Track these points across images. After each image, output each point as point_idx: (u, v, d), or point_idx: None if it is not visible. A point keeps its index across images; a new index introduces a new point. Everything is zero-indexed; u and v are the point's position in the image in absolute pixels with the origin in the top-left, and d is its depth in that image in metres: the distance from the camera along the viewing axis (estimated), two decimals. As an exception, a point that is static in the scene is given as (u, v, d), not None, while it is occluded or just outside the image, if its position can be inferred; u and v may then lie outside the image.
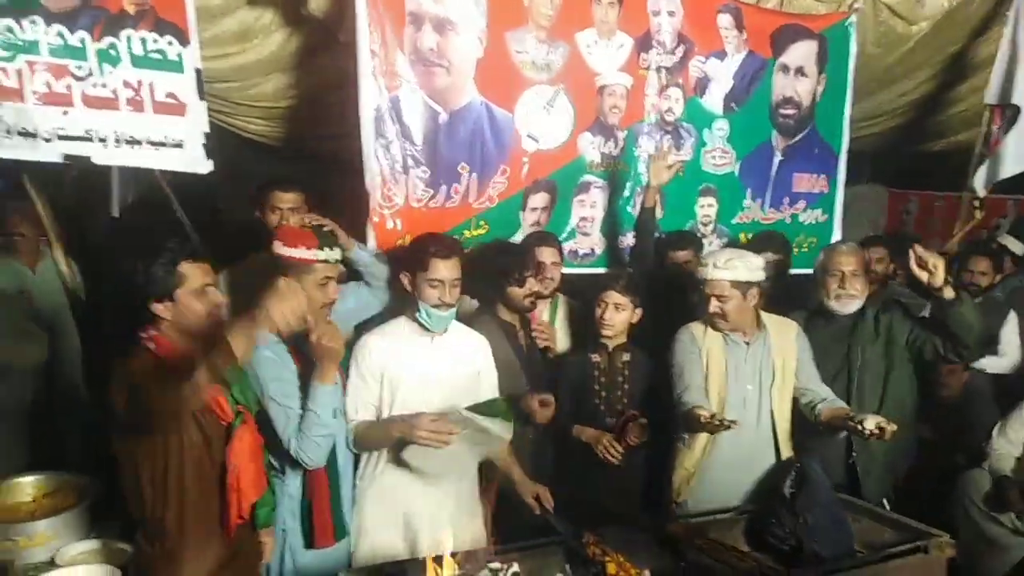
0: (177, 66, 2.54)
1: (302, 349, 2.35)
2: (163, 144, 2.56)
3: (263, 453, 2.18)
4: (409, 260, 2.45)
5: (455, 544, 2.18)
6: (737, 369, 2.75)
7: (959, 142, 4.47)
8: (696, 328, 2.82)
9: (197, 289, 1.98)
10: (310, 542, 2.35)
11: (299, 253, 2.28)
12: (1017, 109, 3.39)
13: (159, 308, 1.96)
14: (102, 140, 2.47)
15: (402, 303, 2.62)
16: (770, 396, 2.74)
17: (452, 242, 2.51)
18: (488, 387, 2.62)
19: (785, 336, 2.80)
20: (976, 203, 3.82)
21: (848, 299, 2.90)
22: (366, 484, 2.51)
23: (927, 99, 4.20)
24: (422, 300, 2.40)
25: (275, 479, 2.32)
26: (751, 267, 2.71)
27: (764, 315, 2.82)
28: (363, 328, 2.64)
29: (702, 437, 2.74)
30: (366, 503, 2.50)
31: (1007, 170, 3.53)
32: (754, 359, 2.76)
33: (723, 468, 2.75)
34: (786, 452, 2.75)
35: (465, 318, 2.65)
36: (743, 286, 2.70)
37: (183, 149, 2.60)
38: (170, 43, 2.51)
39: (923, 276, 2.67)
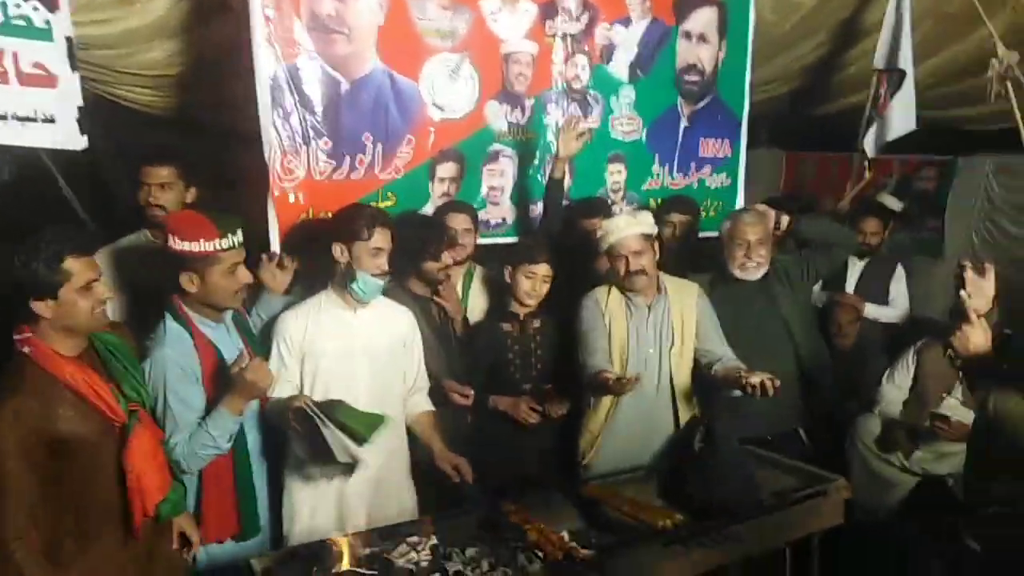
0: (45, 34, 2.32)
1: (212, 344, 2.27)
2: (31, 119, 2.34)
3: (163, 448, 2.09)
4: (345, 230, 2.40)
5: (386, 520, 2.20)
6: (638, 332, 2.82)
7: (851, 104, 4.65)
8: (600, 293, 2.89)
9: (82, 286, 1.86)
10: (205, 535, 2.26)
11: (199, 246, 2.14)
12: (903, 73, 3.55)
13: (40, 307, 1.83)
14: None
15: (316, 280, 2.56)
16: (669, 358, 2.81)
17: (385, 213, 2.52)
18: (413, 358, 2.63)
19: (686, 298, 2.86)
20: (866, 163, 4.01)
21: (754, 268, 3.00)
22: (292, 468, 2.46)
23: (820, 63, 4.34)
24: (361, 269, 2.38)
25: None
26: (648, 222, 2.81)
27: (665, 277, 2.89)
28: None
29: (605, 400, 2.82)
30: (294, 488, 2.46)
31: (894, 131, 3.71)
32: (654, 322, 2.83)
33: (625, 430, 2.84)
34: (684, 414, 2.83)
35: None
36: (651, 239, 2.77)
37: (55, 124, 2.39)
38: (35, 8, 2.28)
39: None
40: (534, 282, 2.81)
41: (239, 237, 2.22)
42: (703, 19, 3.44)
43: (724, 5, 3.47)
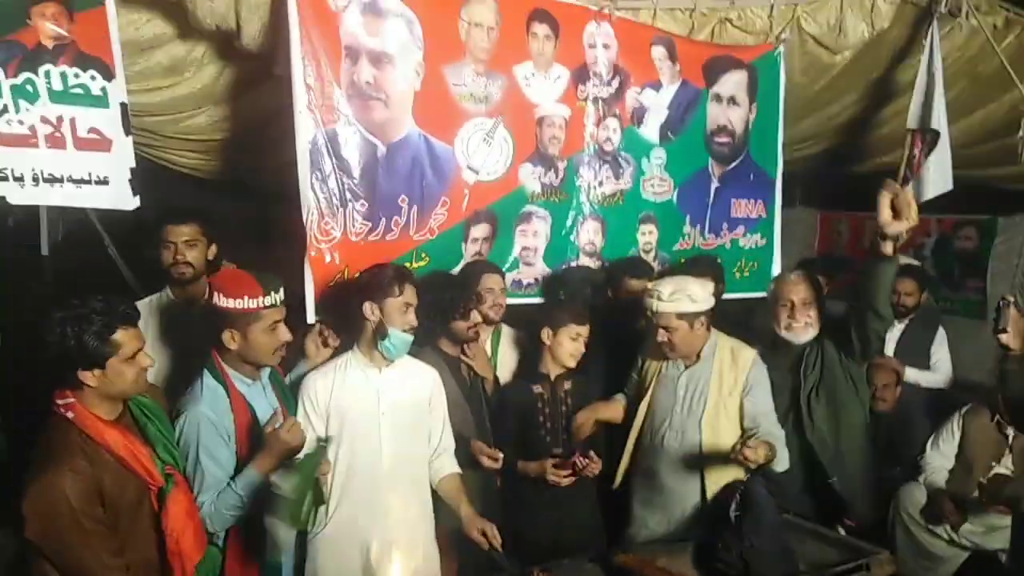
0: (101, 101, 2.43)
1: (247, 403, 2.29)
2: (86, 181, 2.43)
3: (198, 510, 2.11)
4: (375, 288, 2.43)
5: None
6: (666, 393, 2.81)
7: (885, 164, 4.63)
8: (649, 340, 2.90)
9: (129, 356, 1.91)
10: None
11: (243, 304, 2.20)
12: (936, 133, 3.53)
13: (87, 376, 1.88)
14: (18, 179, 2.33)
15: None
16: (699, 425, 2.74)
17: (409, 269, 2.57)
18: (438, 419, 2.63)
19: (736, 363, 2.80)
20: (902, 223, 3.95)
21: (801, 328, 2.93)
22: (318, 531, 2.45)
23: (853, 123, 4.35)
24: (392, 326, 2.41)
25: None
26: (696, 298, 2.75)
27: (723, 339, 2.84)
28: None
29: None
30: (318, 553, 2.45)
31: (930, 191, 3.66)
32: (687, 384, 2.79)
33: (649, 492, 2.83)
34: (714, 482, 2.73)
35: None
36: (690, 316, 2.74)
37: (108, 186, 2.48)
38: (93, 78, 2.40)
39: (885, 213, 2.72)
40: (579, 343, 2.82)
41: (281, 295, 2.29)
42: (733, 82, 3.48)
43: (754, 67, 3.51)
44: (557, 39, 3.04)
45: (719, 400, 2.76)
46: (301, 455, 2.23)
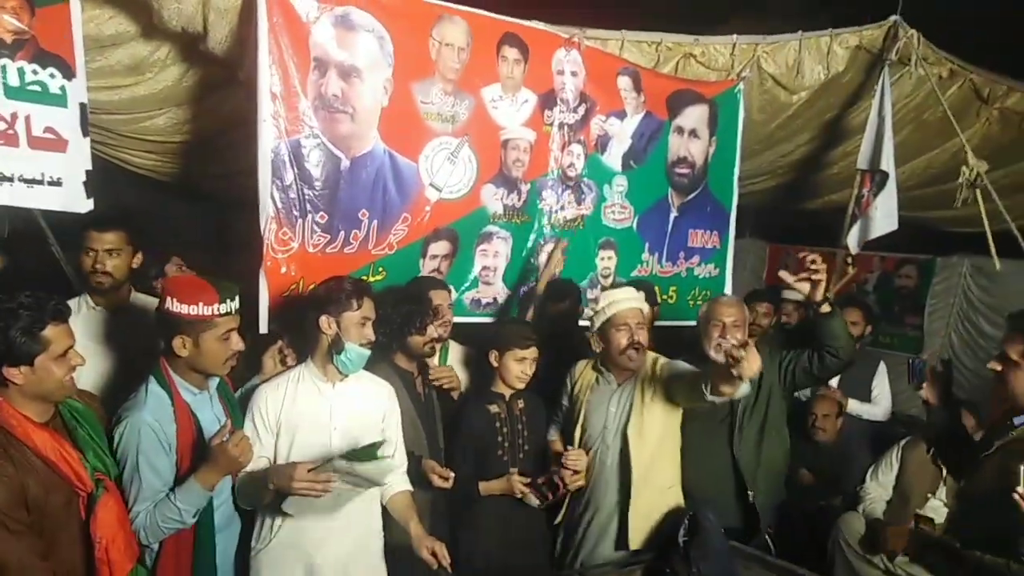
0: (60, 100, 2.36)
1: (192, 413, 2.24)
2: (39, 182, 2.36)
3: (129, 518, 2.04)
4: (332, 302, 2.39)
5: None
6: (598, 410, 2.87)
7: (833, 201, 4.81)
8: (580, 365, 3.01)
9: (59, 354, 1.84)
10: None
11: (197, 310, 2.13)
12: (885, 174, 3.67)
13: (13, 373, 1.80)
14: None
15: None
16: (623, 435, 2.79)
17: (367, 283, 2.53)
18: (391, 435, 2.58)
19: (656, 371, 2.85)
20: (849, 259, 4.09)
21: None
22: (261, 547, 2.40)
23: (805, 161, 4.51)
24: (349, 340, 2.37)
25: None
26: (641, 298, 2.87)
27: (650, 355, 2.90)
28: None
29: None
30: (261, 569, 2.40)
31: (876, 230, 3.78)
32: (618, 399, 2.86)
33: (587, 509, 2.85)
34: (641, 495, 2.75)
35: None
36: (643, 315, 2.83)
37: (61, 187, 2.41)
38: (52, 76, 2.33)
39: (804, 288, 2.70)
40: (523, 366, 2.82)
41: (236, 304, 2.22)
42: (694, 115, 3.57)
43: (715, 102, 3.61)
44: (526, 63, 3.08)
45: (642, 407, 2.81)
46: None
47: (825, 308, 2.76)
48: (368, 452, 2.24)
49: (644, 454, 2.77)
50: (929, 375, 2.57)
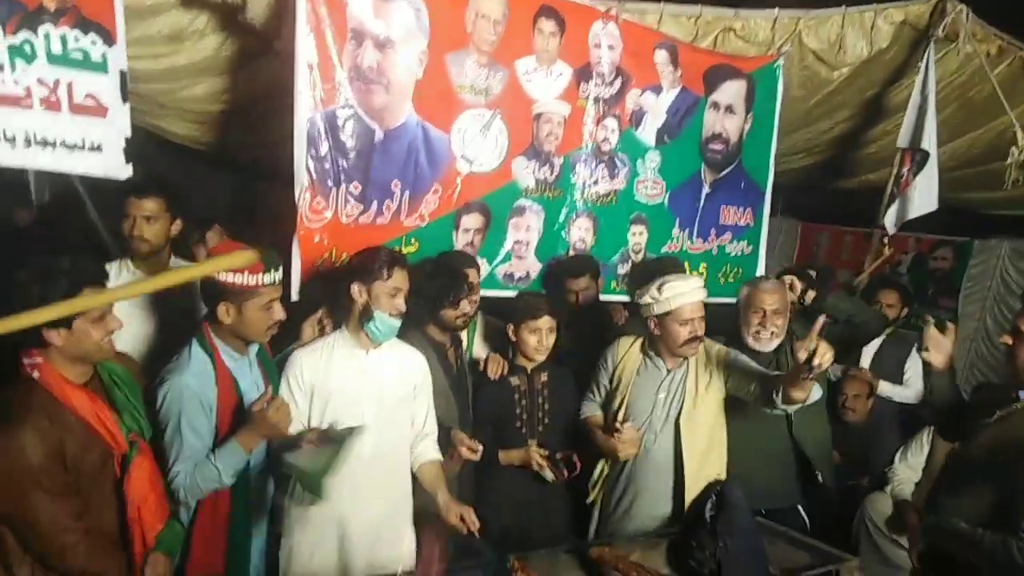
0: (100, 67, 2.38)
1: (233, 377, 2.29)
2: (79, 147, 2.39)
3: (161, 479, 2.10)
4: (364, 270, 2.42)
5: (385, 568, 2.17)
6: (647, 395, 2.81)
7: (870, 181, 4.73)
8: (622, 344, 2.93)
9: (96, 317, 1.88)
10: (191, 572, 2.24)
11: (243, 279, 2.18)
12: (926, 154, 3.60)
13: (52, 336, 1.85)
14: (10, 140, 2.27)
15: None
16: (676, 424, 2.76)
17: (403, 254, 2.55)
18: (423, 404, 2.64)
19: (711, 359, 2.82)
20: (885, 240, 4.04)
21: (767, 338, 2.95)
22: (294, 505, 2.46)
23: (843, 139, 4.43)
24: (379, 309, 2.41)
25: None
26: (700, 285, 2.82)
27: None
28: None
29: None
30: (294, 530, 2.46)
31: (915, 210, 3.73)
32: (669, 386, 2.81)
33: (629, 492, 2.83)
34: (693, 483, 2.74)
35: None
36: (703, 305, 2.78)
37: (101, 153, 2.43)
38: (93, 43, 2.35)
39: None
40: (540, 337, 2.83)
41: (280, 274, 2.28)
42: (731, 91, 3.51)
43: (753, 78, 3.55)
44: (562, 36, 3.04)
45: (696, 397, 2.78)
46: (334, 437, 2.24)
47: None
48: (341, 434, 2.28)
49: (698, 446, 2.76)
50: (933, 335, 2.47)
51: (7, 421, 1.81)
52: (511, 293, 3.16)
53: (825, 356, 2.29)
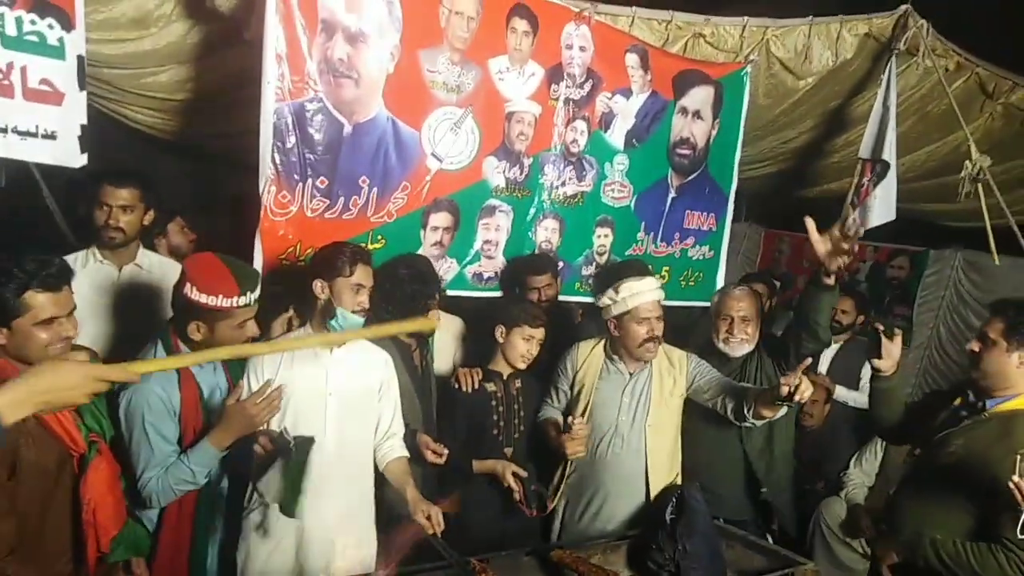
0: (57, 51, 2.31)
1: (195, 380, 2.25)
2: (32, 134, 2.31)
3: (121, 482, 2.05)
4: (327, 266, 2.39)
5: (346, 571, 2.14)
6: (612, 398, 2.82)
7: (831, 190, 4.81)
8: (582, 348, 2.92)
9: (42, 320, 1.81)
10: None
11: (217, 302, 2.12)
12: (886, 164, 3.67)
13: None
14: None
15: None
16: (644, 430, 2.79)
17: (367, 250, 2.52)
18: (389, 403, 2.61)
19: (673, 365, 2.85)
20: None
21: (738, 343, 2.99)
22: (253, 507, 2.42)
23: (806, 148, 4.49)
24: (341, 306, 2.37)
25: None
26: (659, 285, 2.84)
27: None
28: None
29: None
30: (252, 531, 2.41)
31: (874, 220, 3.79)
32: (633, 391, 2.82)
33: (592, 496, 2.84)
34: (658, 486, 2.79)
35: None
36: (660, 305, 2.80)
37: (55, 140, 2.36)
38: (50, 27, 2.28)
39: (822, 249, 2.62)
40: (531, 345, 2.82)
41: (256, 294, 2.21)
42: (700, 97, 3.55)
43: (720, 84, 3.59)
44: (535, 36, 3.04)
45: (660, 401, 2.81)
46: (287, 460, 2.19)
47: (829, 281, 2.72)
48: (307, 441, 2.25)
49: (662, 448, 2.80)
50: (886, 344, 2.52)
51: None
52: (479, 293, 3.14)
53: (804, 393, 2.38)
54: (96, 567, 1.95)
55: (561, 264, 3.37)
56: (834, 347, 4.14)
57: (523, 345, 2.81)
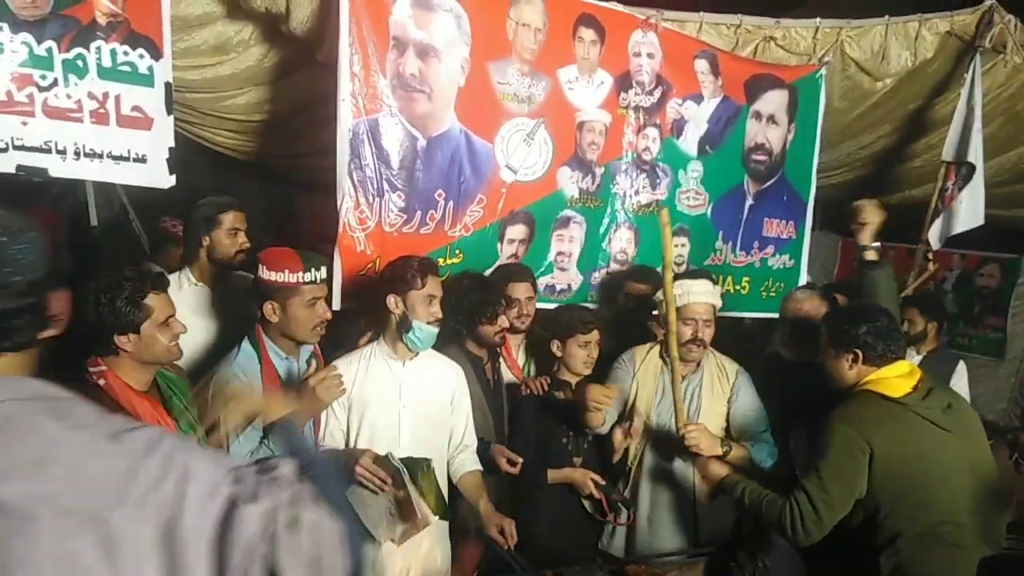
0: (147, 80, 2.45)
1: (279, 375, 2.32)
2: (125, 158, 2.47)
3: None
4: (398, 280, 2.42)
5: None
6: (666, 399, 2.76)
7: (913, 196, 4.62)
8: (638, 352, 2.87)
9: (162, 321, 1.93)
10: None
11: (283, 277, 2.25)
12: (972, 167, 3.51)
13: (123, 341, 1.89)
14: (61, 152, 2.36)
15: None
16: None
17: (433, 261, 2.55)
18: (461, 415, 2.61)
19: (725, 374, 2.82)
20: (929, 256, 3.93)
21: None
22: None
23: (885, 153, 4.34)
24: (416, 318, 2.40)
25: None
26: (716, 292, 2.78)
27: (709, 351, 2.83)
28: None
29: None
30: None
31: (960, 225, 3.64)
32: (687, 393, 2.76)
33: (647, 499, 2.79)
34: (703, 493, 2.70)
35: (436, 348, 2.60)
36: (714, 312, 2.75)
37: (146, 164, 2.50)
38: (141, 56, 2.43)
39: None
40: (589, 351, 2.79)
41: (322, 273, 2.33)
42: (774, 101, 3.46)
43: (795, 88, 3.50)
44: (603, 45, 3.03)
45: (710, 407, 2.77)
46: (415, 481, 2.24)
47: (871, 255, 2.63)
48: (419, 463, 2.29)
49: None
50: None
51: None
52: (552, 306, 3.11)
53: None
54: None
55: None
56: (916, 358, 3.92)
57: (581, 352, 2.78)
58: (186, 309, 2.68)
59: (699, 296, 2.72)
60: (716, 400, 2.78)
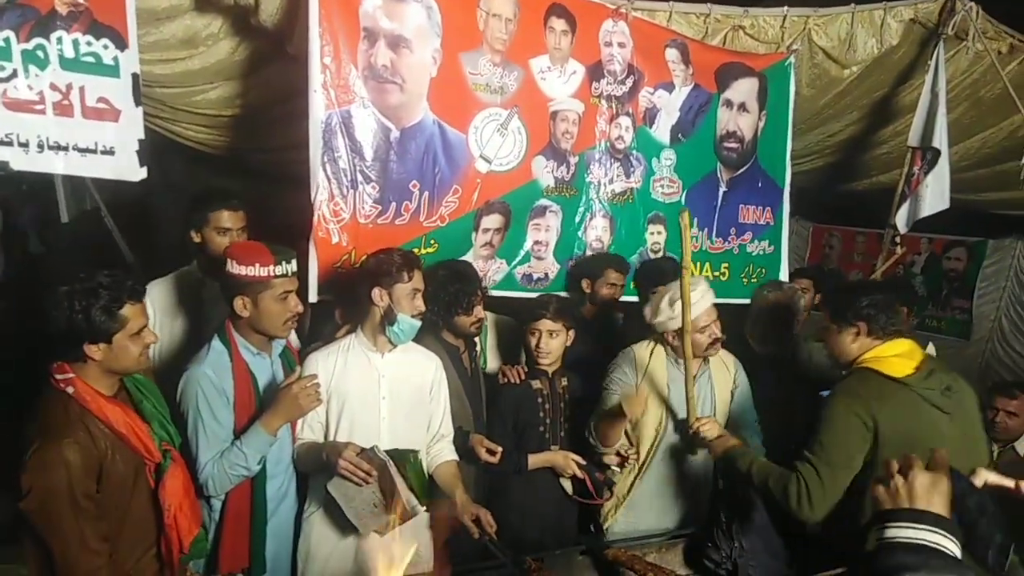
0: (112, 71, 2.39)
1: (250, 371, 2.30)
2: (92, 151, 2.41)
3: (193, 485, 2.13)
4: (383, 274, 2.41)
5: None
6: (680, 394, 2.75)
7: (880, 182, 4.70)
8: (640, 350, 2.84)
9: (135, 332, 1.90)
10: (214, 567, 2.27)
11: (254, 271, 2.23)
12: (937, 152, 3.58)
13: (93, 350, 1.86)
14: (23, 145, 2.29)
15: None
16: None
17: (416, 255, 2.56)
18: (439, 406, 2.62)
19: (727, 365, 2.86)
20: (897, 240, 4.00)
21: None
22: (312, 510, 2.46)
23: (853, 140, 4.41)
24: (401, 311, 2.41)
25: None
26: (710, 289, 2.79)
27: None
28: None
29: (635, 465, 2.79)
30: (311, 533, 2.45)
31: (926, 209, 3.70)
32: (700, 387, 2.78)
33: (656, 495, 2.80)
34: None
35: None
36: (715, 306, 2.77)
37: (114, 156, 2.44)
38: (105, 47, 2.37)
39: None
40: (537, 338, 2.80)
41: (292, 267, 2.30)
42: (744, 89, 3.50)
43: (764, 76, 3.53)
44: (574, 35, 3.04)
45: (720, 398, 2.81)
46: (403, 473, 2.23)
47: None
48: (405, 454, 2.29)
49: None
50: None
51: (49, 437, 1.79)
52: (529, 295, 3.12)
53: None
54: (178, 568, 2.03)
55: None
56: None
57: (531, 340, 2.82)
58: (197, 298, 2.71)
59: (702, 304, 2.69)
60: (723, 391, 2.82)
